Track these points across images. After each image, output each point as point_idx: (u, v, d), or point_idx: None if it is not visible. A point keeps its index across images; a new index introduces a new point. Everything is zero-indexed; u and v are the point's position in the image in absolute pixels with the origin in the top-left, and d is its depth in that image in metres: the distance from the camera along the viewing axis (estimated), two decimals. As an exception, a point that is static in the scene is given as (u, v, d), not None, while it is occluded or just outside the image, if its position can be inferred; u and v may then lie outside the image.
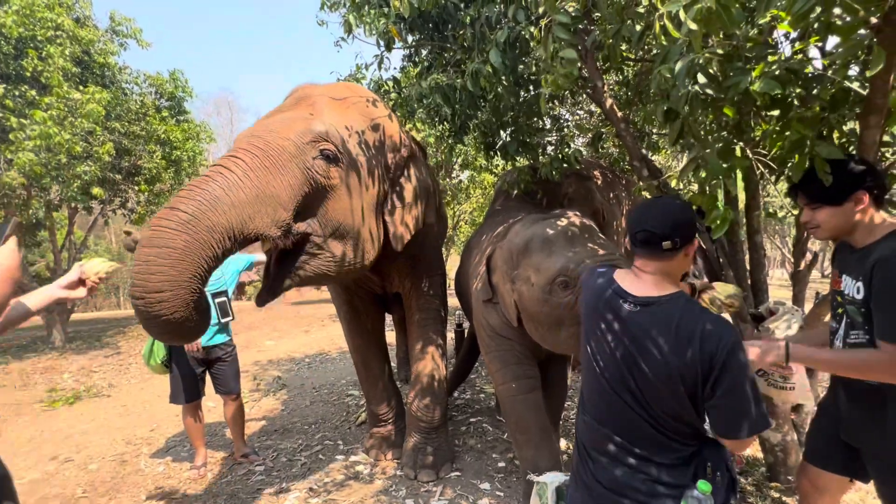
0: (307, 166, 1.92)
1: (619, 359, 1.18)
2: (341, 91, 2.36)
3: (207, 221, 1.59)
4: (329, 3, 2.75)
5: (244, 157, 1.78)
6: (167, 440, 3.67)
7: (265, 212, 1.76)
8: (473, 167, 7.59)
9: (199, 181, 1.70)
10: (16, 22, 6.03)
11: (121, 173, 7.44)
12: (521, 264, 2.16)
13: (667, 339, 1.11)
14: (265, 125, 1.99)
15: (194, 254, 1.56)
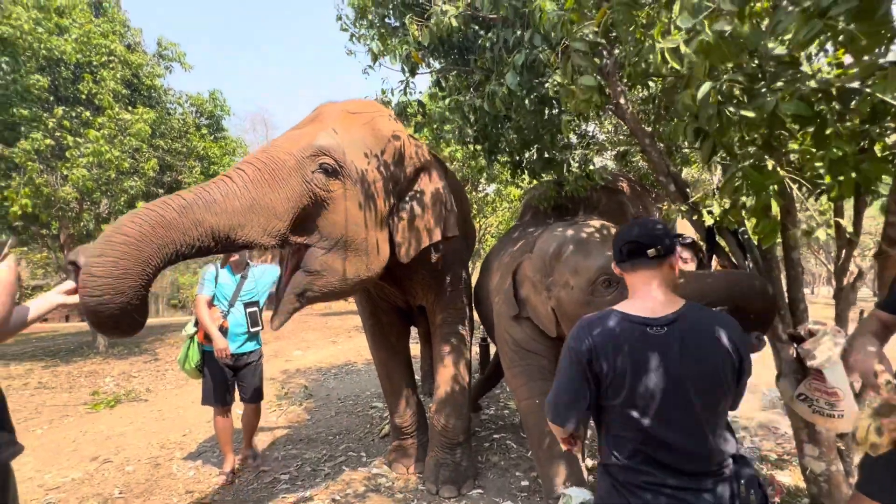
0: (306, 179, 2.02)
1: (673, 381, 1.13)
2: (352, 107, 2.45)
3: (197, 215, 1.73)
4: (357, 35, 2.89)
5: (247, 169, 1.93)
6: (199, 445, 3.79)
7: (257, 221, 1.88)
8: (500, 181, 7.62)
9: (206, 184, 1.86)
10: (74, 49, 6.54)
11: (163, 188, 7.88)
12: (556, 270, 2.15)
13: (709, 343, 1.15)
14: (275, 141, 2.13)
15: (174, 232, 1.67)
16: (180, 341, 8.70)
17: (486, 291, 3.03)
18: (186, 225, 1.71)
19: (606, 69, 2.29)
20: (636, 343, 1.15)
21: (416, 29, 2.28)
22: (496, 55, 2.40)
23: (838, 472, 2.29)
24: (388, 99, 2.98)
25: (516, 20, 2.34)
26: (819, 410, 2.09)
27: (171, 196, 1.77)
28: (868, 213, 2.72)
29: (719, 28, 1.22)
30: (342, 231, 2.13)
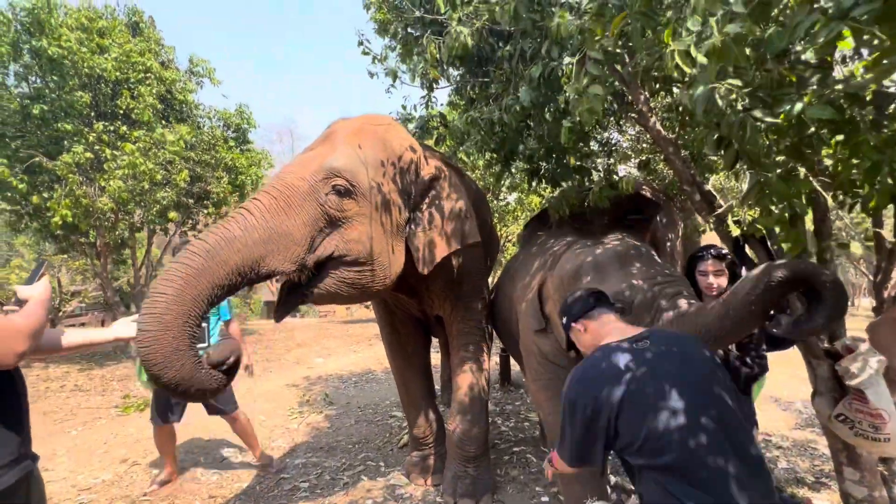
0: (320, 202, 2.06)
1: (689, 384, 1.20)
2: (364, 123, 2.46)
3: (222, 255, 1.78)
4: (378, 58, 2.96)
5: (263, 199, 1.97)
6: (221, 450, 3.86)
7: (278, 250, 1.93)
8: (521, 189, 7.58)
9: (225, 221, 1.91)
10: (114, 66, 6.91)
11: (192, 197, 8.18)
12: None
13: (691, 348, 1.29)
14: (287, 167, 2.18)
15: (204, 279, 1.72)
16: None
17: (506, 300, 2.99)
18: (214, 268, 1.76)
19: (627, 77, 2.26)
20: (637, 369, 1.23)
21: (434, 47, 2.31)
22: (514, 67, 2.40)
23: (881, 499, 2.15)
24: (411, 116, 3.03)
25: (534, 31, 2.34)
26: (863, 433, 1.97)
27: (194, 242, 1.83)
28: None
29: (730, 30, 1.19)
30: (357, 248, 2.17)
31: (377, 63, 2.97)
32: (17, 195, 6.81)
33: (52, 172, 6.73)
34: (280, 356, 8.68)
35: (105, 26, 7.19)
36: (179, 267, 1.71)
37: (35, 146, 6.84)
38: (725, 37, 1.21)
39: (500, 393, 5.41)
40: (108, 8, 7.66)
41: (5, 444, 1.21)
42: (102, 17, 7.34)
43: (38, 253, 10.24)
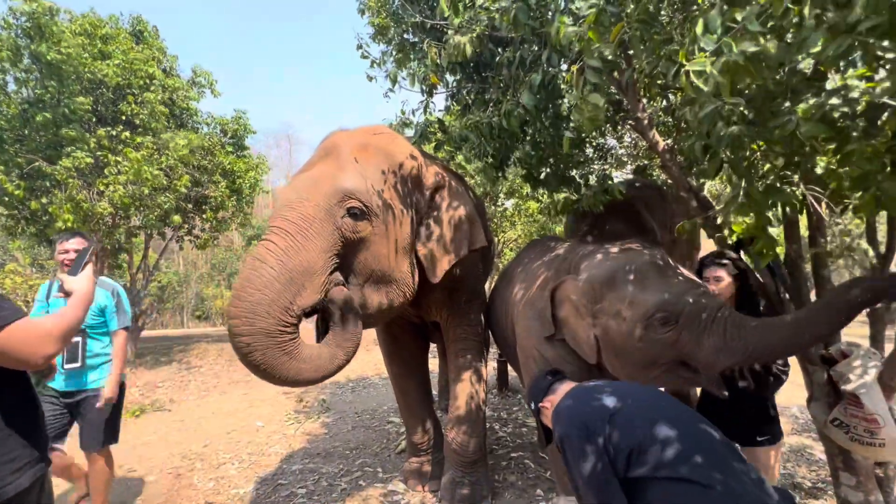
0: (336, 227, 2.06)
1: (666, 401, 1.34)
2: (364, 137, 2.44)
3: (258, 323, 1.83)
4: (376, 62, 2.98)
5: (277, 241, 1.95)
6: (218, 456, 3.84)
7: (305, 286, 1.94)
8: (519, 195, 7.62)
9: (248, 273, 1.91)
10: (115, 73, 6.94)
11: (191, 202, 8.19)
12: (607, 298, 2.06)
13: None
14: (296, 188, 2.13)
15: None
16: (204, 352, 8.90)
17: (504, 305, 2.98)
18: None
19: (625, 84, 2.29)
20: (608, 388, 1.38)
21: (434, 53, 2.33)
22: (513, 73, 2.43)
23: (877, 503, 2.16)
24: (409, 120, 3.04)
25: (534, 38, 2.37)
26: (858, 438, 1.99)
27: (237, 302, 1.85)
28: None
29: (746, 48, 1.21)
30: (375, 265, 2.18)
31: (376, 67, 2.99)
32: (14, 200, 6.80)
33: (51, 177, 6.72)
34: (277, 361, 8.64)
35: (108, 33, 7.24)
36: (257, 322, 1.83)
37: (34, 151, 6.84)
38: (741, 55, 1.23)
39: (497, 398, 5.40)
40: (112, 18, 7.73)
41: (24, 446, 1.22)
42: (106, 24, 7.39)
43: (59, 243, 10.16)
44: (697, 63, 1.30)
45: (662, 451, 1.20)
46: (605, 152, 3.72)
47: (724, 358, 1.77)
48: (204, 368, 7.83)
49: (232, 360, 8.37)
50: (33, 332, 1.13)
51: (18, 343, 1.10)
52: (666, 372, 1.93)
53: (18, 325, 1.10)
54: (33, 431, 1.27)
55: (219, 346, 9.50)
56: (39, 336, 1.13)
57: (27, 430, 1.24)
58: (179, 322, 26.98)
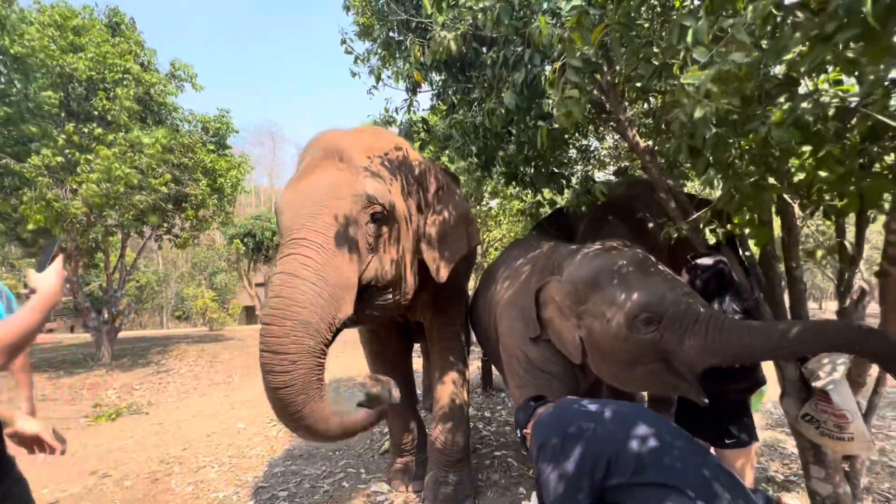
0: (361, 234, 2.02)
1: (644, 412, 1.43)
2: (368, 138, 2.40)
3: (306, 342, 1.78)
4: (361, 58, 2.96)
5: (313, 255, 1.87)
6: (198, 460, 3.76)
7: (346, 299, 1.93)
8: (503, 195, 7.66)
9: (290, 291, 1.81)
10: (87, 66, 6.72)
11: (171, 201, 7.99)
12: (591, 299, 2.06)
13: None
14: (311, 196, 2.02)
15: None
16: (183, 353, 8.72)
17: (487, 305, 2.98)
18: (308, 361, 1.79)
19: (606, 86, 2.32)
20: (587, 403, 1.47)
21: (417, 50, 2.32)
22: (496, 73, 2.44)
23: (845, 495, 2.24)
24: (393, 118, 3.03)
25: (517, 38, 2.38)
26: (828, 433, 2.05)
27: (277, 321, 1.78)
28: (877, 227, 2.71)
29: (736, 59, 1.23)
30: (384, 270, 2.16)
31: (360, 63, 2.96)
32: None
33: (20, 175, 6.48)
34: (259, 362, 8.51)
35: (80, 25, 6.99)
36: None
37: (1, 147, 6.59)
38: (733, 65, 1.25)
39: (481, 397, 5.42)
40: (87, 8, 7.46)
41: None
42: (78, 15, 7.13)
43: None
44: (691, 76, 1.31)
45: (638, 458, 1.25)
46: (588, 153, 3.77)
47: (704, 358, 1.81)
48: (184, 370, 7.67)
49: (213, 362, 8.23)
50: None
51: None
52: (650, 372, 1.95)
53: None
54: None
55: (199, 347, 9.32)
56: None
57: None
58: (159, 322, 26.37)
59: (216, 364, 8.11)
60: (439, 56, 2.25)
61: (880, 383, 2.25)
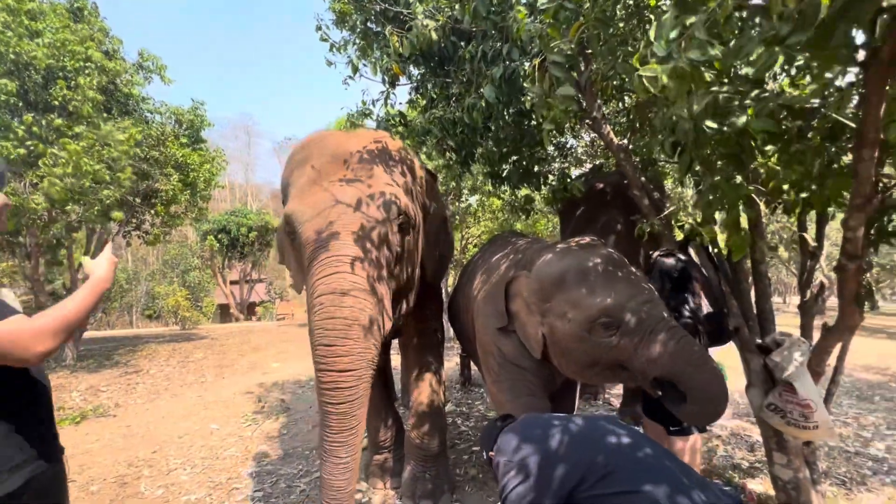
0: (391, 246, 2.04)
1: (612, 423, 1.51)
2: (376, 144, 2.34)
3: (368, 355, 1.86)
4: (337, 46, 2.89)
5: (360, 271, 1.87)
6: (169, 462, 3.65)
7: (387, 312, 1.97)
8: (482, 192, 7.68)
9: (348, 311, 1.81)
10: (46, 54, 6.37)
11: (139, 196, 7.70)
12: (555, 298, 2.09)
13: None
14: (339, 207, 1.97)
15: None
16: (154, 353, 8.44)
17: (465, 300, 3.00)
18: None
19: (583, 83, 2.35)
20: (553, 419, 1.48)
21: (396, 40, 2.30)
22: (475, 67, 2.44)
23: (805, 479, 2.34)
24: (370, 111, 2.99)
25: (495, 33, 2.38)
26: (794, 422, 2.13)
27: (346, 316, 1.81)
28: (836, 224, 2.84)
29: (693, 56, 1.27)
30: (406, 277, 2.20)
31: (336, 51, 2.90)
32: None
33: (-26, 166, 6.12)
34: (234, 362, 8.32)
35: (36, 9, 6.62)
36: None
37: (-47, 136, 6.20)
38: (688, 62, 1.28)
39: (460, 393, 5.44)
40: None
41: (21, 444, 1.20)
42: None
43: None
44: (649, 69, 1.35)
45: (605, 468, 1.30)
46: (565, 151, 3.82)
47: (653, 370, 1.88)
48: (154, 370, 7.42)
49: (185, 362, 7.99)
50: (26, 329, 1.10)
51: (7, 343, 1.08)
52: (606, 369, 2.01)
53: (8, 324, 1.09)
54: (34, 428, 1.26)
55: (170, 347, 9.05)
56: (32, 334, 1.11)
57: (26, 428, 1.23)
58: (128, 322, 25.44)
59: (189, 364, 7.88)
60: (420, 46, 2.23)
61: (837, 372, 2.36)
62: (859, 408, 4.65)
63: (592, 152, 4.33)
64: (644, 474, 1.28)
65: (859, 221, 1.60)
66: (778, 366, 2.17)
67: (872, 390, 5.35)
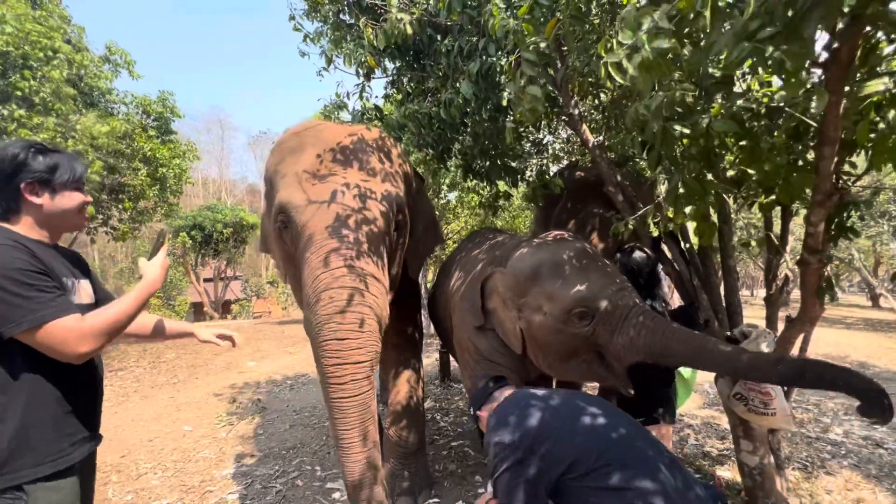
0: (389, 242, 2.08)
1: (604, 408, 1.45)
2: (368, 138, 2.30)
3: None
4: (311, 36, 2.82)
5: (366, 267, 1.89)
6: (138, 467, 3.54)
7: (387, 305, 1.99)
8: (461, 188, 7.68)
9: (357, 305, 1.82)
10: (6, 42, 6.03)
11: (105, 191, 7.39)
12: (531, 292, 2.10)
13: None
14: (343, 203, 1.96)
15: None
16: (122, 353, 8.14)
17: (444, 296, 2.99)
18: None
19: (559, 80, 2.36)
20: (545, 397, 1.47)
21: (370, 32, 2.25)
22: (452, 62, 2.42)
23: (770, 465, 2.44)
24: (345, 104, 2.93)
25: (472, 28, 2.37)
26: (754, 409, 2.22)
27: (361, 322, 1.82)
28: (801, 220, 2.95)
29: (658, 46, 1.29)
30: (396, 272, 2.22)
31: (309, 41, 2.83)
32: None
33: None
34: (208, 361, 8.10)
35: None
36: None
37: None
38: (654, 52, 1.30)
39: (439, 389, 5.45)
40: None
41: (79, 423, 1.29)
42: (-12, -18, 6.35)
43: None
44: (614, 55, 1.36)
45: (598, 462, 1.30)
46: (543, 147, 3.84)
47: (629, 355, 1.91)
48: (123, 372, 7.16)
49: (156, 363, 7.74)
50: (75, 329, 1.16)
51: (56, 342, 1.14)
52: (584, 363, 2.04)
53: (57, 323, 1.14)
54: (91, 410, 1.36)
55: (140, 347, 8.75)
56: (81, 334, 1.17)
57: (85, 408, 1.32)
58: (95, 322, 24.48)
59: (160, 365, 7.63)
60: (394, 39, 2.19)
61: (800, 362, 2.46)
62: (819, 395, 4.87)
63: (569, 149, 4.37)
64: (636, 470, 1.29)
65: (820, 217, 1.66)
66: (745, 356, 2.24)
67: (832, 378, 5.62)
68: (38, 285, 1.14)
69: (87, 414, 1.34)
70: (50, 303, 1.15)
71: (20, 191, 1.24)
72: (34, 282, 1.14)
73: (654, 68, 1.29)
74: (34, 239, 1.26)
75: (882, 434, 3.69)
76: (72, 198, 1.33)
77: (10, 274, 1.10)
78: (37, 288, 1.14)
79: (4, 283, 1.09)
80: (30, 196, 1.25)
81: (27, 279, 1.13)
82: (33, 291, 1.13)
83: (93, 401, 1.39)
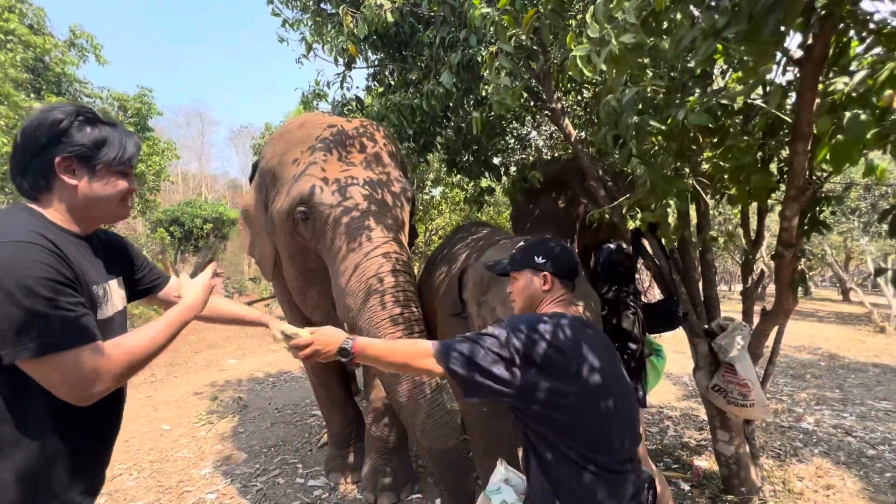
0: (405, 231, 2.28)
1: (618, 380, 1.22)
2: (371, 128, 2.37)
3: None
4: (290, 22, 2.75)
5: (391, 250, 2.08)
6: (113, 468, 3.44)
7: None
8: (445, 183, 7.65)
9: (391, 286, 2.05)
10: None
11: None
12: (490, 291, 2.10)
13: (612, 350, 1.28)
14: (368, 195, 2.11)
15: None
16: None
17: (428, 289, 2.97)
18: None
19: (541, 73, 2.36)
20: (587, 341, 1.17)
21: (350, 21, 2.20)
22: (434, 53, 2.39)
23: (745, 455, 2.50)
24: (324, 93, 2.86)
25: (454, 19, 2.34)
26: (734, 401, 2.27)
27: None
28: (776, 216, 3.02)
29: (625, 40, 1.29)
30: None
31: (288, 27, 2.76)
32: None
33: None
34: (187, 359, 7.93)
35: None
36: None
37: None
38: (622, 46, 1.30)
39: (424, 385, 5.44)
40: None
41: (85, 473, 1.03)
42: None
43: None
44: (581, 48, 1.36)
45: (593, 432, 1.13)
46: (525, 142, 3.84)
47: None
48: (97, 371, 6.97)
49: (133, 361, 7.55)
50: (86, 365, 0.90)
51: (65, 378, 0.89)
52: None
53: (68, 355, 0.89)
54: (101, 460, 1.10)
55: (116, 346, 8.50)
56: (98, 372, 0.91)
57: (95, 459, 1.08)
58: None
59: (137, 363, 7.46)
60: (375, 27, 2.15)
61: (775, 354, 2.53)
62: (793, 385, 5.03)
63: (553, 144, 4.39)
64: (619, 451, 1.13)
65: (794, 211, 1.69)
66: (722, 348, 2.29)
67: (804, 369, 5.81)
68: (58, 301, 0.88)
69: (93, 466, 1.07)
70: (66, 326, 0.89)
71: (54, 166, 0.98)
72: (53, 296, 0.88)
73: (621, 62, 1.29)
74: (65, 228, 1.01)
75: (851, 422, 3.83)
76: (114, 185, 1.07)
77: (26, 282, 0.85)
78: (54, 304, 0.88)
79: (16, 294, 0.84)
80: (64, 175, 1.00)
81: (45, 292, 0.87)
82: (50, 308, 0.87)
83: (112, 440, 1.13)
